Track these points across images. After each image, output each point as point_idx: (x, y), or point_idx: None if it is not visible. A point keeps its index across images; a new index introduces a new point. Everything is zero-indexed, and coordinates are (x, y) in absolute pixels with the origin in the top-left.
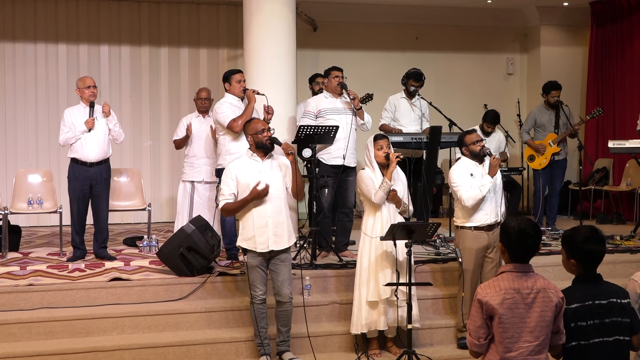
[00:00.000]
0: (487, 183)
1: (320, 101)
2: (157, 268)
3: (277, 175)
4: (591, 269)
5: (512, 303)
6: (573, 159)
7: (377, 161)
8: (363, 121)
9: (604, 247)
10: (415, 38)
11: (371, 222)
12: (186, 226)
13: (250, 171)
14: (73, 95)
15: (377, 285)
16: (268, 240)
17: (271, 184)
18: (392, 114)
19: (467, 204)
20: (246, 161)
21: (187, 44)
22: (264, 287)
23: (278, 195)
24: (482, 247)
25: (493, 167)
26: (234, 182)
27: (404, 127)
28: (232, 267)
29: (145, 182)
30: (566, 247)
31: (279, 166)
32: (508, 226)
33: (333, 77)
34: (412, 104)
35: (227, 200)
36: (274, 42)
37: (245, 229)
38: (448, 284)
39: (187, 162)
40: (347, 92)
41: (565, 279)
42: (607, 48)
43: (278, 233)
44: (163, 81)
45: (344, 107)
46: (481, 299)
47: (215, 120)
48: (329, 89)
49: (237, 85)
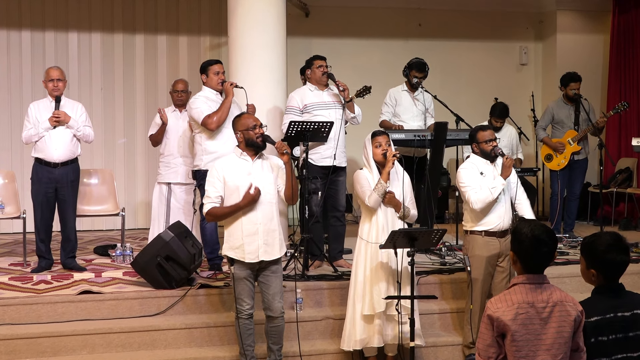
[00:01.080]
0: (499, 185)
1: (304, 95)
2: (132, 280)
3: (269, 177)
4: (613, 280)
5: (526, 318)
6: (593, 158)
7: (375, 160)
8: (354, 114)
9: (627, 256)
10: (418, 25)
11: (367, 228)
12: (164, 233)
13: (239, 172)
14: (38, 88)
15: (372, 298)
16: (258, 250)
17: (262, 187)
18: (393, 108)
19: (476, 207)
20: (234, 160)
21: (165, 31)
22: (251, 300)
23: (269, 200)
24: (493, 255)
25: (506, 168)
26: (221, 184)
27: (405, 123)
28: (215, 279)
29: (118, 185)
30: (586, 255)
31: (270, 167)
32: (520, 233)
33: (316, 67)
34: (415, 97)
35: (214, 203)
36: (261, 28)
37: (233, 236)
38: (455, 297)
39: (163, 161)
40: (336, 83)
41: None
42: (630, 36)
43: (269, 242)
44: (138, 72)
45: (332, 101)
46: (492, 314)
47: (190, 116)
48: (313, 80)
49: (215, 78)
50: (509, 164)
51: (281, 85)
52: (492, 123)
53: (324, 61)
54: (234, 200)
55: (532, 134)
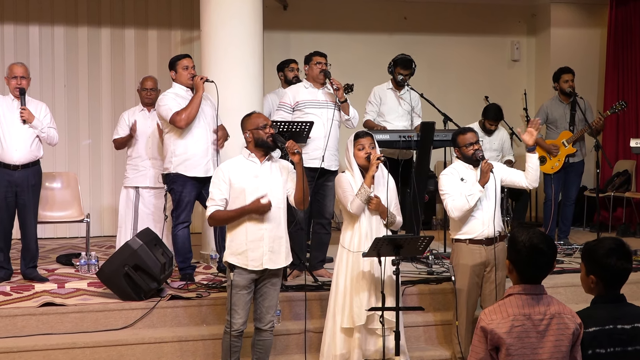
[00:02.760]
0: (476, 192)
1: (298, 91)
2: (97, 291)
3: (278, 180)
4: (613, 288)
5: (521, 331)
6: (589, 161)
7: (358, 163)
8: (348, 116)
9: (629, 263)
10: (403, 18)
11: (349, 235)
12: (132, 241)
13: (246, 174)
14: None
15: (351, 310)
16: (262, 257)
17: (271, 191)
18: (377, 107)
19: (453, 215)
20: (242, 162)
21: (132, 25)
22: (246, 314)
23: (277, 204)
24: (478, 264)
25: (484, 174)
26: (227, 186)
27: (390, 123)
28: (187, 290)
29: (82, 189)
30: (586, 260)
31: (279, 170)
32: (517, 241)
33: (315, 63)
34: (400, 96)
35: (218, 206)
36: (236, 22)
37: (236, 241)
38: (442, 308)
39: (130, 164)
40: (331, 82)
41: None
42: (629, 30)
43: (275, 249)
44: (104, 68)
45: (325, 100)
46: (485, 326)
47: (158, 114)
48: (309, 77)
49: (184, 73)
50: (487, 169)
51: (257, 82)
52: (486, 126)
53: (324, 58)
54: (240, 204)
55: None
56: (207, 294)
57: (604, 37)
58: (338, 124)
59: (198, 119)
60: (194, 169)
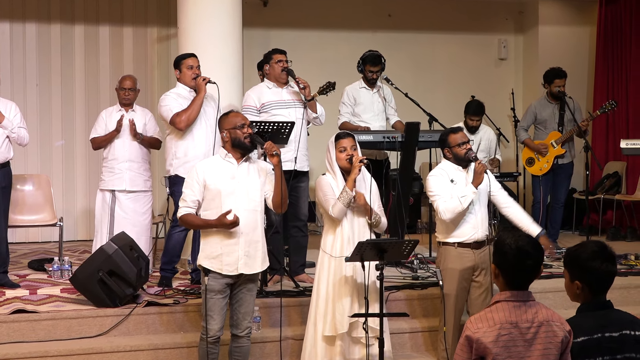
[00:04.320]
0: (470, 194)
1: (262, 93)
2: (71, 297)
3: (255, 182)
4: (599, 294)
5: (508, 340)
6: (579, 162)
7: (340, 166)
8: (316, 114)
9: (614, 265)
10: (387, 15)
11: (330, 240)
12: (106, 245)
13: (222, 175)
14: None
15: (334, 317)
16: (238, 261)
17: (248, 193)
18: (352, 108)
19: (444, 217)
20: (218, 162)
21: (107, 21)
22: (222, 320)
23: (254, 207)
24: (467, 268)
25: (478, 175)
26: (200, 187)
27: (367, 123)
28: (164, 296)
29: (55, 192)
30: (569, 266)
31: (257, 171)
32: (503, 244)
33: (275, 62)
34: (374, 94)
35: (189, 209)
36: (215, 19)
37: (210, 244)
38: (428, 314)
39: (106, 166)
40: (296, 80)
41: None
42: (619, 28)
43: (251, 253)
44: (78, 67)
45: (291, 99)
46: (471, 335)
47: (159, 115)
48: (271, 77)
49: (188, 73)
50: (481, 170)
51: (237, 81)
52: (468, 122)
53: (284, 55)
54: (215, 206)
55: (512, 135)
56: (184, 300)
57: (593, 35)
58: (306, 123)
59: (199, 121)
60: None
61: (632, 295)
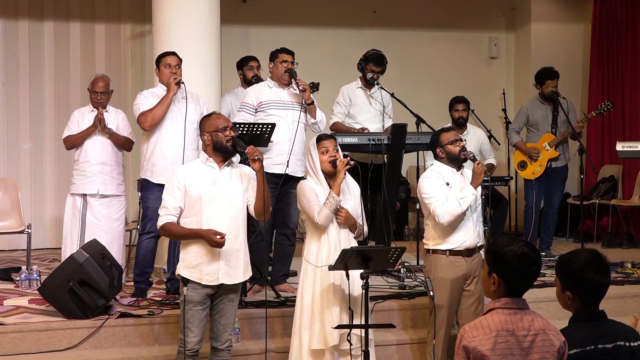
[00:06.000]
0: (469, 195)
1: (262, 91)
2: (39, 309)
3: (237, 187)
4: (592, 305)
5: (505, 348)
6: (573, 166)
7: (323, 169)
8: (315, 120)
9: (607, 277)
10: (373, 11)
11: (314, 248)
12: (77, 253)
13: (203, 180)
14: None
15: (322, 329)
16: (218, 271)
17: (229, 199)
18: (346, 108)
19: (443, 221)
20: (199, 167)
21: (78, 18)
22: (200, 333)
23: (236, 214)
24: (459, 277)
25: (477, 175)
26: (181, 193)
27: (362, 125)
28: (138, 307)
29: (23, 197)
30: (561, 276)
31: (240, 176)
32: (506, 251)
33: (280, 61)
34: (371, 95)
35: (171, 217)
36: (192, 16)
37: (190, 253)
38: (415, 325)
39: (77, 169)
40: (296, 82)
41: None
42: (615, 25)
43: (232, 263)
44: (47, 65)
45: (291, 101)
46: (467, 344)
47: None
48: (274, 76)
49: (165, 71)
50: (481, 171)
51: (214, 81)
52: (453, 115)
53: (291, 56)
54: (195, 213)
55: (504, 137)
56: (159, 311)
57: (588, 32)
58: (304, 127)
59: (170, 123)
60: (160, 175)
61: (628, 305)
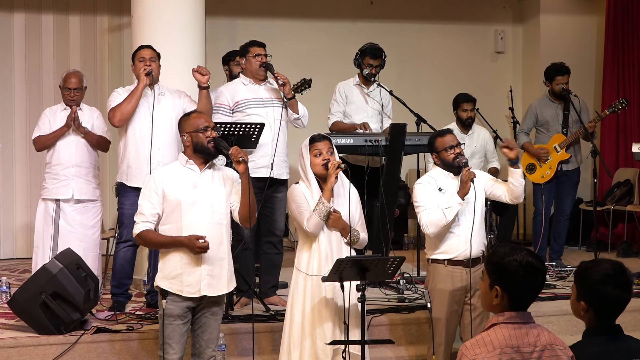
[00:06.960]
0: (455, 205)
1: (237, 90)
2: (9, 323)
3: (220, 191)
4: (606, 319)
5: None
6: (586, 169)
7: (315, 172)
8: (297, 115)
9: (627, 293)
10: (369, 2)
11: (305, 257)
12: (50, 264)
13: (183, 184)
14: None
15: (314, 345)
16: (200, 282)
17: (211, 204)
18: (344, 106)
19: (428, 232)
20: (178, 170)
21: (51, 9)
22: (182, 349)
23: (219, 220)
24: (458, 289)
25: (463, 184)
26: (159, 198)
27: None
28: (115, 321)
29: None
30: (579, 284)
31: (222, 179)
32: (509, 261)
33: (253, 55)
34: (368, 93)
35: (148, 224)
36: (173, 7)
37: (169, 263)
38: (416, 341)
39: (50, 172)
40: (274, 76)
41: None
42: (631, 17)
43: (215, 273)
44: (17, 60)
45: (270, 97)
46: None
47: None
48: (247, 72)
49: (139, 65)
50: (467, 178)
51: None
52: (461, 115)
53: (263, 49)
54: (174, 219)
55: (511, 137)
56: (139, 326)
57: (601, 25)
58: (286, 124)
59: (145, 120)
60: (135, 178)
61: None
